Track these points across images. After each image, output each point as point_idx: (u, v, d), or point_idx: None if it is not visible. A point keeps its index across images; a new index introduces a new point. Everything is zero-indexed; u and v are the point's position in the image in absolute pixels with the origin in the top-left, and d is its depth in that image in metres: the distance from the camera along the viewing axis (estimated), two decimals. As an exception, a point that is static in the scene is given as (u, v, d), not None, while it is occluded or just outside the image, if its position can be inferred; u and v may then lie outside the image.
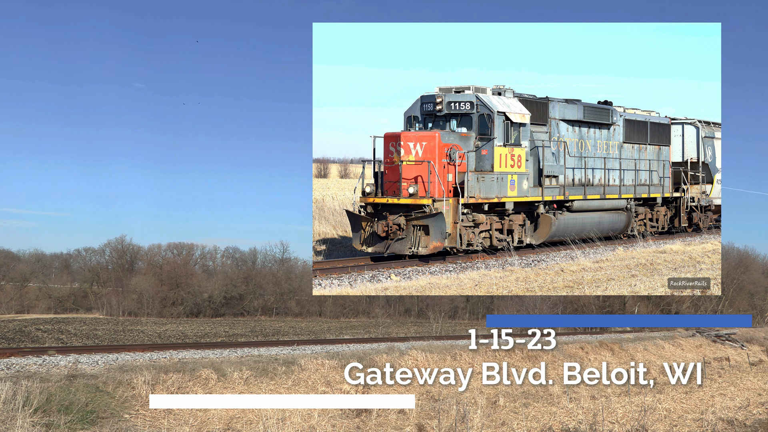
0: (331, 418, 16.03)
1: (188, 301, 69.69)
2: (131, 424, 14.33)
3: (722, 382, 25.00)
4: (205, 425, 14.93)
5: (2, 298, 71.38)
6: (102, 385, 15.44)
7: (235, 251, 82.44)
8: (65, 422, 13.32)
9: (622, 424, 17.41)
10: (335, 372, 19.07)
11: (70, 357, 18.42)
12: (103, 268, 78.33)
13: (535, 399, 20.12)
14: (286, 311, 71.39)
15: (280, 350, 22.43)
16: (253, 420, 15.36)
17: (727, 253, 60.89)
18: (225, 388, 17.03)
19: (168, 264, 74.17)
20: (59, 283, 79.55)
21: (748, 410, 20.12)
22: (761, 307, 57.35)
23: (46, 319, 60.75)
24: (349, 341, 28.29)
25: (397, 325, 56.63)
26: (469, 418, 16.36)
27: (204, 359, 18.98)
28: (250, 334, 46.66)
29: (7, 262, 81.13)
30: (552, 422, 17.52)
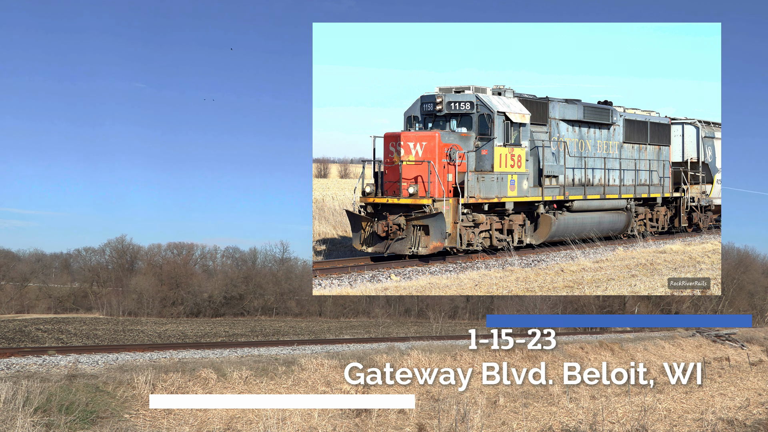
0: (331, 418, 16.04)
1: (188, 301, 69.69)
2: (131, 424, 14.34)
3: (722, 382, 25.00)
4: (205, 425, 14.93)
5: (2, 298, 71.39)
6: (102, 385, 15.45)
7: (235, 251, 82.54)
8: (65, 422, 13.32)
9: (622, 424, 17.41)
10: (335, 372, 19.07)
11: (70, 357, 18.41)
12: (103, 268, 78.33)
13: (535, 399, 20.12)
14: (286, 311, 71.38)
15: (280, 350, 22.42)
16: (253, 420, 15.36)
17: (727, 253, 60.92)
18: (225, 388, 17.03)
19: (168, 264, 74.17)
20: (59, 283, 79.56)
21: (748, 410, 20.12)
22: (761, 307, 57.33)
23: (46, 319, 60.76)
24: (349, 341, 28.28)
25: (397, 325, 56.63)
26: (469, 418, 16.36)
27: (204, 359, 18.98)
28: (250, 334, 46.66)
29: (7, 262, 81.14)
30: (552, 422, 17.52)
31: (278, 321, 63.76)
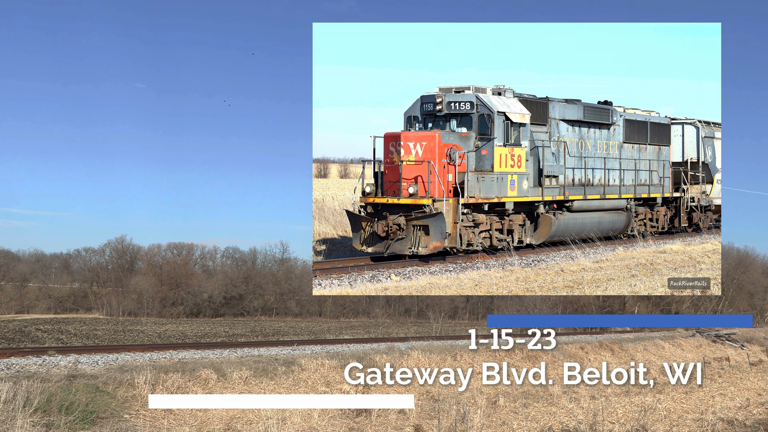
0: (331, 418, 16.03)
1: (188, 301, 69.69)
2: (131, 424, 14.33)
3: (722, 382, 25.00)
4: (205, 425, 14.92)
5: (2, 298, 71.39)
6: (102, 385, 15.44)
7: (235, 251, 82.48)
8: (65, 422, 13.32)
9: (622, 424, 17.40)
10: (335, 372, 19.06)
11: (70, 357, 18.41)
12: (103, 268, 78.33)
13: (535, 399, 20.12)
14: (286, 311, 71.38)
15: (280, 350, 22.42)
16: (253, 420, 15.36)
17: (727, 253, 60.93)
18: (225, 388, 17.03)
19: (168, 264, 74.16)
20: (59, 283, 79.56)
21: (748, 410, 20.11)
22: (761, 307, 57.34)
23: (46, 319, 60.75)
24: (349, 341, 28.29)
25: (397, 325, 56.63)
26: (469, 418, 16.35)
27: (204, 359, 18.98)
28: (250, 334, 46.65)
29: (7, 262, 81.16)
30: (552, 422, 17.51)
31: (278, 321, 63.75)
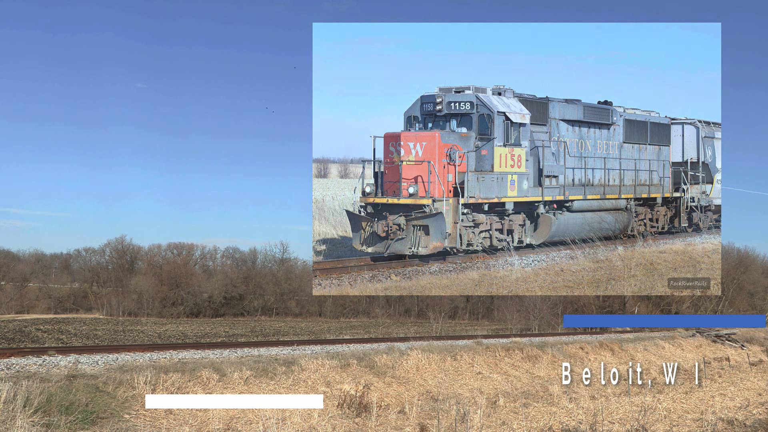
0: (331, 419, 16.02)
1: (188, 301, 69.69)
2: (131, 424, 14.33)
3: (722, 382, 24.98)
4: (205, 425, 14.92)
5: (2, 298, 71.42)
6: (102, 386, 15.43)
7: (235, 251, 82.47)
8: (65, 422, 13.31)
9: (622, 424, 17.40)
10: (335, 372, 19.06)
11: (70, 357, 18.40)
12: (103, 268, 78.33)
13: (535, 399, 20.11)
14: (286, 311, 71.38)
15: (280, 350, 22.41)
16: (253, 420, 15.35)
17: (727, 253, 60.88)
18: (225, 388, 17.02)
19: (168, 264, 74.17)
20: (59, 283, 79.58)
21: (748, 410, 20.10)
22: (761, 307, 57.33)
23: (46, 319, 60.74)
24: (349, 341, 28.27)
25: (397, 325, 56.62)
26: (469, 418, 16.35)
27: (204, 359, 18.98)
28: (250, 334, 46.64)
29: (7, 262, 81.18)
30: (552, 422, 17.51)
31: (278, 321, 63.74)
